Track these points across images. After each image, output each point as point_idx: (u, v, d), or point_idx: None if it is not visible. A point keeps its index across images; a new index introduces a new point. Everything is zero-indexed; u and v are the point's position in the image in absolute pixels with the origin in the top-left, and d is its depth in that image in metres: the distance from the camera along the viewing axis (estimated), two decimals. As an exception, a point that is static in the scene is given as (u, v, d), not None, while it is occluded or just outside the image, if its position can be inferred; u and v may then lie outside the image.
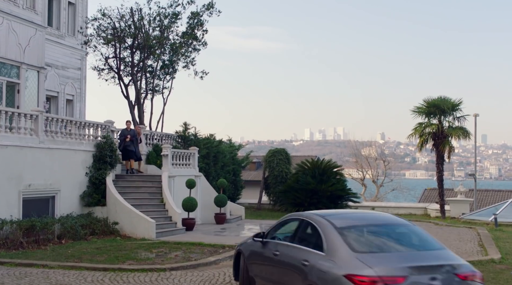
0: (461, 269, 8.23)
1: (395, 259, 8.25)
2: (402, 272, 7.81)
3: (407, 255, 8.51)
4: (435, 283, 7.82)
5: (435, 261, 8.27)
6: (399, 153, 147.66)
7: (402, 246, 8.85)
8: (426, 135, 30.34)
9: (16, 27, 24.24)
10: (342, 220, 9.43)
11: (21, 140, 18.88)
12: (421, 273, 7.89)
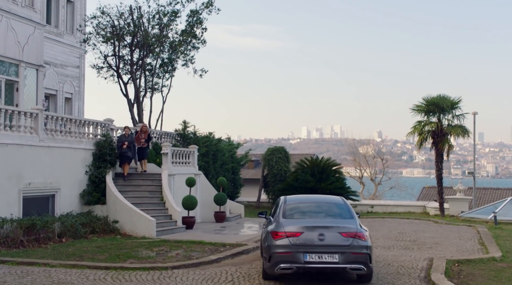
0: (345, 230, 12.02)
1: (301, 222, 12.48)
2: (299, 229, 12.01)
3: (312, 220, 12.68)
4: (322, 237, 11.85)
5: (326, 224, 12.32)
6: (396, 151, 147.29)
7: (316, 214, 13.15)
8: (425, 133, 30.34)
9: (15, 25, 24.16)
10: (294, 199, 14.08)
11: (21, 138, 18.83)
12: (313, 231, 11.93)
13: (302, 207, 13.51)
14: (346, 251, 11.73)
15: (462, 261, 15.01)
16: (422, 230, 23.02)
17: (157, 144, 26.36)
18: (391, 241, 19.41)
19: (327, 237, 11.83)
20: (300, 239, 11.87)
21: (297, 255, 11.75)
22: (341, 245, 11.81)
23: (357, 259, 11.74)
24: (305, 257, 11.71)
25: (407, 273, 13.57)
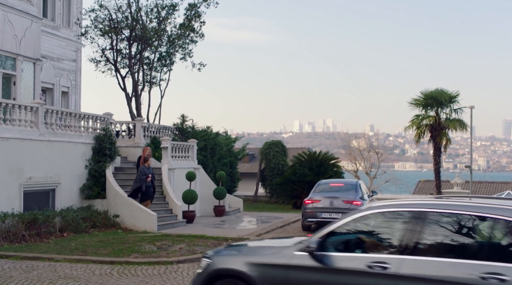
0: (346, 199, 19.65)
1: (322, 194, 20.34)
2: (319, 198, 19.92)
3: (329, 194, 20.38)
4: (332, 203, 19.70)
5: (335, 195, 20.16)
6: (388, 145, 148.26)
7: (333, 191, 20.82)
8: (423, 127, 30.43)
9: (12, 18, 23.95)
10: (324, 181, 22.82)
11: (22, 132, 18.71)
12: (327, 199, 19.83)
13: (327, 186, 21.46)
14: (346, 211, 16.72)
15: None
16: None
17: (156, 138, 26.26)
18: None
19: (335, 203, 19.69)
20: (319, 204, 19.79)
21: (317, 213, 19.67)
22: (343, 208, 19.07)
23: None
24: (321, 215, 19.52)
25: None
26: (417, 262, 6.43)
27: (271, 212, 27.92)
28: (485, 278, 5.94)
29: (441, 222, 6.69)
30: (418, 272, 6.34)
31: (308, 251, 7.10)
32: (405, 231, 6.75)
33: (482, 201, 6.80)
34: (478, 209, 6.51)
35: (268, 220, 23.67)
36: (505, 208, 6.40)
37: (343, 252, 7.15)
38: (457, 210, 6.65)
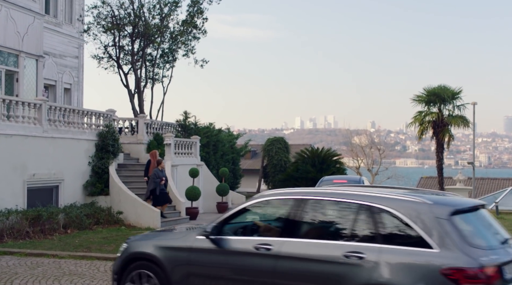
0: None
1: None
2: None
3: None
4: None
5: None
6: (389, 141, 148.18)
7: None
8: (426, 124, 30.39)
9: (15, 14, 23.93)
10: (327, 178, 22.77)
11: (25, 129, 18.71)
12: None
13: (330, 183, 20.05)
14: None
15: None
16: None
17: (159, 135, 26.27)
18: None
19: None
20: None
21: None
22: None
23: None
24: None
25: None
26: (295, 243, 7.21)
27: (274, 208, 27.89)
28: (347, 256, 6.74)
29: (316, 208, 7.55)
30: (295, 252, 7.11)
31: (205, 235, 7.87)
32: (287, 216, 7.59)
33: (357, 189, 7.59)
34: (347, 197, 7.29)
35: (271, 217, 23.64)
36: (371, 196, 7.13)
37: (236, 235, 7.90)
38: (329, 197, 7.46)
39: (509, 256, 6.65)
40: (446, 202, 7.04)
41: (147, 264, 8.27)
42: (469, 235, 6.59)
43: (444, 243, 6.43)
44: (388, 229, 6.83)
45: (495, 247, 6.72)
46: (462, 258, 6.29)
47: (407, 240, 6.65)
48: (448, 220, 6.58)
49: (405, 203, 6.85)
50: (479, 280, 6.17)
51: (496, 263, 6.35)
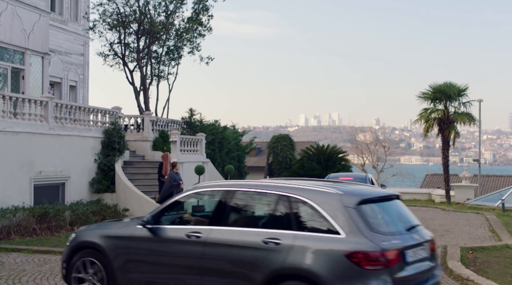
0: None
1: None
2: None
3: None
4: None
5: None
6: (394, 138, 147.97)
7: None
8: (431, 121, 30.30)
9: (20, 12, 23.96)
10: (333, 175, 21.94)
11: (32, 126, 18.75)
12: None
13: (336, 180, 19.36)
14: None
15: (476, 248, 14.98)
16: (431, 218, 23.03)
17: (164, 132, 26.29)
18: (402, 229, 19.42)
19: None
20: None
21: None
22: None
23: None
24: None
25: (423, 260, 13.55)
26: (221, 231, 7.85)
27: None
28: (266, 242, 7.33)
29: (241, 199, 8.22)
30: (221, 239, 7.76)
31: (143, 225, 8.49)
32: (215, 206, 8.23)
33: (277, 182, 8.20)
34: (268, 188, 7.94)
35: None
36: (289, 187, 7.79)
37: (171, 224, 8.54)
38: (252, 189, 8.15)
39: (413, 241, 7.34)
40: (355, 192, 7.61)
41: (92, 252, 8.85)
42: (374, 222, 7.21)
43: (350, 229, 7.01)
44: (303, 217, 7.45)
45: (399, 233, 7.34)
46: (365, 242, 6.86)
47: (319, 227, 7.25)
48: (355, 208, 7.16)
49: (318, 194, 7.48)
50: (379, 262, 6.77)
51: (397, 247, 6.98)
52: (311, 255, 7.05)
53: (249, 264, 7.42)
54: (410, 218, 7.89)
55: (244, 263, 7.49)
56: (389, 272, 6.86)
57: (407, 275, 7.11)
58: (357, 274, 6.81)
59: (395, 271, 6.93)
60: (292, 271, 7.11)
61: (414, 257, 7.28)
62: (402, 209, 7.97)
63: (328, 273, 6.89)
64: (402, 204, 8.07)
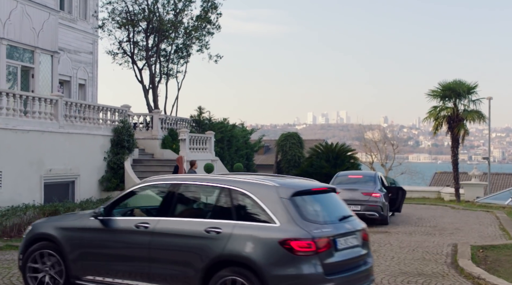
0: (364, 191, 19.61)
1: (341, 186, 18.35)
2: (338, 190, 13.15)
3: (348, 186, 20.00)
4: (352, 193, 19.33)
5: (354, 187, 19.96)
6: (402, 136, 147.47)
7: (353, 183, 20.51)
8: (441, 119, 30.17)
9: (30, 11, 24.05)
10: (342, 173, 22.52)
11: (42, 124, 18.83)
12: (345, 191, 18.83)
13: (345, 178, 21.16)
14: (364, 203, 19.20)
15: (486, 246, 14.92)
16: (441, 216, 22.97)
17: (173, 130, 26.32)
18: (411, 227, 19.38)
19: (354, 195, 19.36)
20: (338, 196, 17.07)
21: None
22: (362, 200, 19.33)
23: (372, 209, 19.20)
24: None
25: (433, 259, 13.51)
26: (167, 222, 8.35)
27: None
28: (208, 231, 7.85)
29: (186, 192, 8.80)
30: (167, 228, 8.25)
31: (95, 216, 8.94)
32: (162, 198, 8.78)
33: (219, 176, 8.83)
34: (211, 181, 8.56)
35: (285, 212, 23.61)
36: (230, 180, 8.35)
37: (121, 216, 8.98)
38: (197, 182, 8.78)
39: (344, 230, 7.96)
40: (290, 185, 8.18)
41: (48, 244, 9.21)
42: (307, 212, 7.80)
43: (284, 218, 7.56)
44: (242, 208, 8.01)
45: (331, 222, 7.97)
46: (297, 231, 7.42)
47: (257, 217, 7.79)
48: (289, 199, 7.73)
49: (257, 186, 8.06)
50: (310, 249, 7.34)
51: (327, 235, 7.59)
52: (249, 243, 7.55)
53: (193, 252, 7.92)
54: (343, 209, 8.54)
55: (188, 251, 7.97)
56: (319, 257, 7.41)
57: (337, 261, 7.68)
58: (290, 260, 7.34)
59: (325, 257, 7.48)
60: (231, 258, 7.62)
61: (345, 245, 7.88)
62: (336, 201, 8.61)
63: (263, 259, 7.40)
64: (336, 196, 8.70)
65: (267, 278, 7.35)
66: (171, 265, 8.15)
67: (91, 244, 8.92)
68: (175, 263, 8.12)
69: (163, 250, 8.23)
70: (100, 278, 8.81)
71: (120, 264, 8.64)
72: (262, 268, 7.38)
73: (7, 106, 17.78)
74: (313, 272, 7.37)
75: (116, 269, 8.66)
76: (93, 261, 8.87)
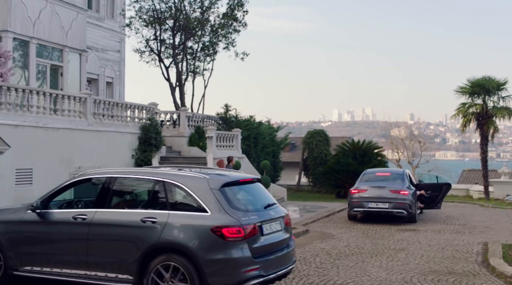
0: (393, 188, 19.46)
1: (368, 184, 20.17)
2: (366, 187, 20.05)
3: (375, 183, 20.15)
4: (379, 191, 19.55)
5: (382, 185, 19.94)
6: (429, 133, 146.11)
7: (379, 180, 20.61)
8: (469, 115, 29.84)
9: (59, 10, 24.30)
10: (370, 171, 22.34)
11: (71, 122, 19.03)
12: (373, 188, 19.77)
13: (373, 176, 21.03)
14: (392, 201, 19.03)
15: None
16: (470, 214, 22.72)
17: (200, 128, 26.41)
18: (440, 225, 19.19)
19: (381, 193, 19.30)
20: (365, 193, 19.45)
21: (363, 203, 19.40)
22: (390, 197, 19.10)
23: (400, 206, 19.06)
24: (368, 204, 19.31)
25: (463, 257, 13.37)
26: (104, 213, 8.86)
27: (315, 201, 27.86)
28: (144, 221, 8.42)
29: (122, 184, 9.33)
30: (104, 219, 8.76)
31: (32, 209, 9.36)
32: (99, 191, 9.22)
33: (154, 169, 9.44)
34: (146, 174, 9.10)
35: (313, 210, 23.60)
36: (165, 173, 8.87)
37: (59, 209, 9.48)
38: (132, 175, 9.43)
39: (268, 216, 8.69)
40: (219, 177, 8.78)
41: None
42: (236, 201, 8.45)
43: (215, 208, 8.19)
44: (176, 199, 8.63)
45: (257, 210, 8.65)
46: (227, 219, 8.08)
47: (190, 207, 8.41)
48: (219, 190, 8.36)
49: (189, 178, 8.66)
50: (239, 235, 8.03)
51: (254, 222, 8.28)
52: (183, 231, 8.17)
53: (130, 241, 8.44)
54: (267, 198, 9.26)
55: (125, 240, 8.50)
56: (248, 242, 8.11)
57: (264, 245, 8.41)
58: (221, 245, 7.98)
59: (253, 242, 8.19)
60: (167, 245, 8.20)
61: (270, 230, 8.63)
62: (261, 191, 9.32)
63: (197, 245, 8.02)
64: (261, 186, 9.41)
65: (201, 262, 7.97)
66: (109, 254, 8.64)
67: (28, 236, 9.33)
68: (113, 251, 8.61)
69: (101, 240, 8.69)
70: (38, 268, 9.24)
71: (58, 254, 9.07)
72: (196, 254, 7.99)
73: (38, 104, 18.01)
74: (242, 256, 8.04)
75: (54, 259, 9.09)
76: (31, 253, 9.28)
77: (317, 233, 17.17)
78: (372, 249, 14.41)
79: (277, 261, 8.67)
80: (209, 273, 7.97)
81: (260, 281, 8.29)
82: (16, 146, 16.29)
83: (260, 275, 8.25)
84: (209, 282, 8.00)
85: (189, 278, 8.04)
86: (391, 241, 15.64)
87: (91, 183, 9.77)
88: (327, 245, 15.05)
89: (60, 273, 9.05)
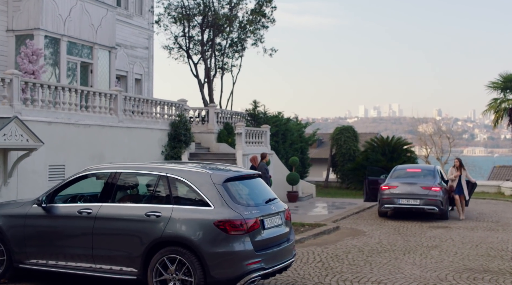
0: (424, 185, 19.26)
1: (399, 180, 19.97)
2: (396, 184, 19.77)
3: (406, 180, 19.89)
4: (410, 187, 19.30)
5: (412, 181, 19.66)
6: (456, 129, 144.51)
7: (410, 176, 20.33)
8: (501, 111, 29.40)
9: (89, 7, 24.50)
10: (400, 167, 22.20)
11: (102, 119, 19.17)
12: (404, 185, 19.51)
13: (403, 172, 20.79)
14: (424, 197, 18.82)
15: (553, 243, 14.50)
16: (503, 211, 22.39)
17: (229, 124, 26.43)
18: (473, 222, 18.94)
19: (412, 189, 19.11)
20: (396, 190, 19.29)
21: (394, 200, 19.22)
22: (421, 194, 18.88)
23: (431, 203, 18.77)
24: (398, 201, 19.11)
25: (498, 255, 13.20)
26: (109, 207, 9.11)
27: (344, 198, 27.70)
28: (148, 215, 8.67)
29: (126, 179, 9.60)
30: (109, 213, 9.00)
31: (38, 204, 9.61)
32: (104, 185, 9.51)
33: (158, 164, 9.65)
34: (150, 170, 9.38)
35: (342, 206, 23.47)
36: (168, 168, 9.13)
37: (64, 203, 9.70)
38: (136, 170, 9.67)
39: (269, 211, 8.92)
40: (222, 172, 9.02)
41: None
42: (238, 196, 8.69)
43: (218, 202, 8.42)
44: (180, 193, 8.84)
45: (259, 204, 8.88)
46: (230, 213, 8.32)
47: (193, 201, 8.65)
48: (222, 185, 8.60)
49: (192, 173, 8.89)
50: (241, 228, 8.27)
51: (256, 216, 8.52)
52: (186, 225, 8.40)
53: (135, 235, 8.68)
54: (268, 193, 9.51)
55: (130, 234, 8.74)
56: (250, 236, 8.34)
57: (265, 238, 8.64)
58: (224, 238, 8.21)
59: (255, 235, 8.42)
60: (171, 239, 8.44)
61: (271, 224, 8.87)
62: (262, 186, 9.59)
63: (200, 239, 8.25)
64: (262, 182, 9.70)
65: (204, 255, 8.19)
66: (114, 247, 8.88)
67: (34, 230, 9.54)
68: (118, 245, 8.84)
69: (106, 234, 8.94)
70: (43, 261, 9.46)
71: (63, 247, 9.29)
72: (199, 247, 8.22)
73: (69, 101, 18.17)
74: (245, 249, 8.28)
75: (59, 252, 9.31)
76: (36, 246, 9.50)
77: (348, 230, 17.08)
78: (405, 246, 14.28)
79: (278, 255, 8.89)
80: (212, 266, 8.18)
81: (262, 274, 8.53)
82: (49, 142, 16.45)
83: (262, 268, 8.47)
84: (212, 275, 8.20)
85: (193, 271, 8.24)
86: (423, 238, 15.49)
87: (94, 178, 10.02)
88: (358, 242, 14.95)
89: (65, 266, 9.27)
